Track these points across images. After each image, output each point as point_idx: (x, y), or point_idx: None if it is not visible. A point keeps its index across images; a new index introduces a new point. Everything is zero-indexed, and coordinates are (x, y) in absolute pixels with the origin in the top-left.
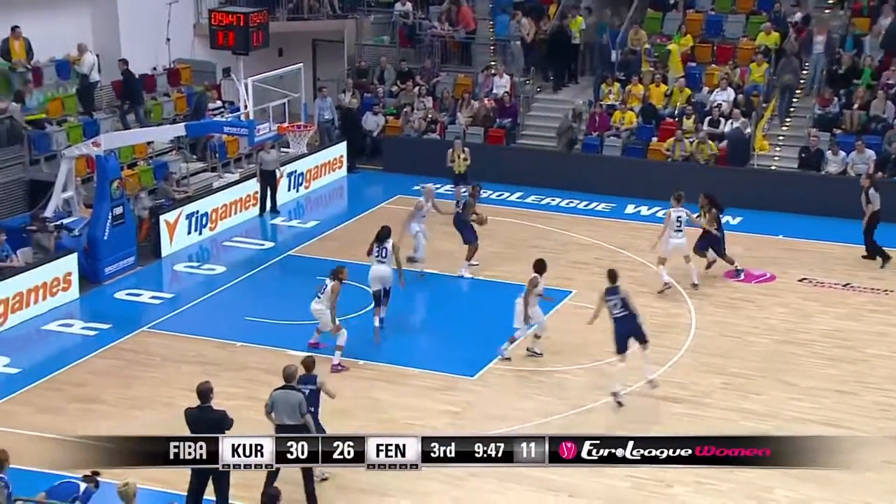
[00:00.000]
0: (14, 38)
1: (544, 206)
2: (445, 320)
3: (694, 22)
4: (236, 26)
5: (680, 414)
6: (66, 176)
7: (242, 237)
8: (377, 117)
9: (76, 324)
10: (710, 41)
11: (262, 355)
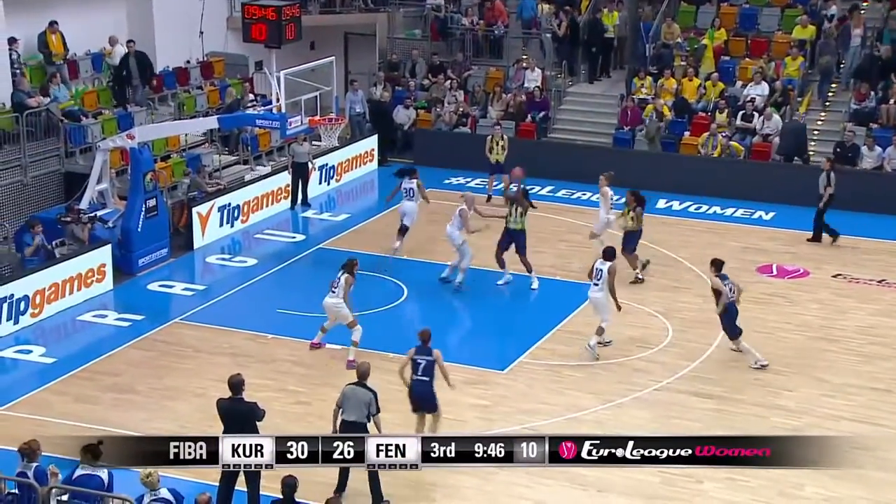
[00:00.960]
0: (51, 32)
1: (575, 201)
2: (475, 314)
3: (728, 15)
4: (269, 20)
5: (710, 410)
6: (101, 168)
7: (274, 230)
8: (408, 111)
9: (110, 314)
10: (745, 35)
11: (293, 348)
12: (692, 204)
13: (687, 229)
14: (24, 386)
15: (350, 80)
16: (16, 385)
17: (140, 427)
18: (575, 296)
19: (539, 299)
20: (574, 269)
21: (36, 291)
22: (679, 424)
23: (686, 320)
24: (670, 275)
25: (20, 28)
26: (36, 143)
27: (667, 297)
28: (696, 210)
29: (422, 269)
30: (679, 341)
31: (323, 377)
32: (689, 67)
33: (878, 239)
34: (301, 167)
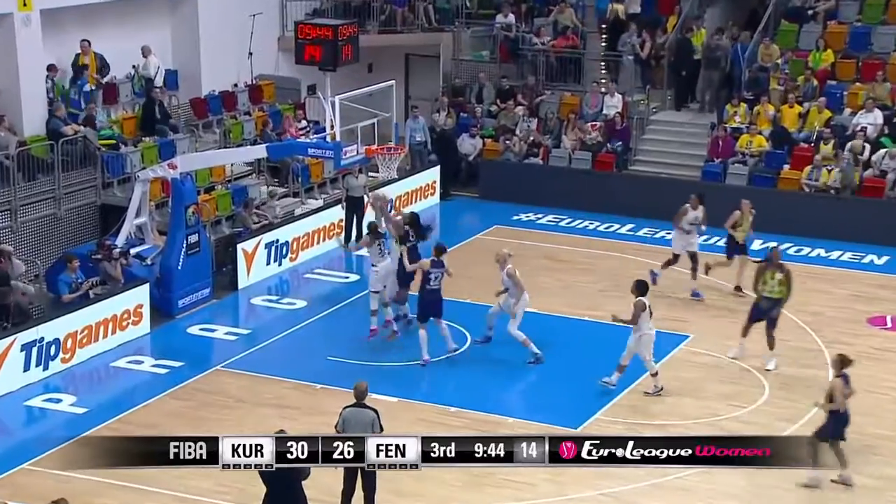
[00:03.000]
0: (83, 53)
1: (658, 240)
2: (546, 365)
3: (836, 35)
4: (324, 40)
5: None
6: (140, 200)
7: (325, 269)
8: (474, 139)
9: (146, 360)
10: (855, 56)
11: (344, 399)
12: (792, 246)
13: None
14: (52, 438)
15: (411, 105)
16: (43, 437)
17: (173, 485)
18: (657, 347)
19: (618, 350)
20: (655, 318)
21: (67, 335)
22: (778, 496)
23: (784, 376)
24: None
25: (58, 52)
26: (71, 174)
27: (763, 350)
28: (796, 252)
29: (485, 312)
30: (777, 399)
31: None
32: (790, 93)
33: None
34: (356, 201)
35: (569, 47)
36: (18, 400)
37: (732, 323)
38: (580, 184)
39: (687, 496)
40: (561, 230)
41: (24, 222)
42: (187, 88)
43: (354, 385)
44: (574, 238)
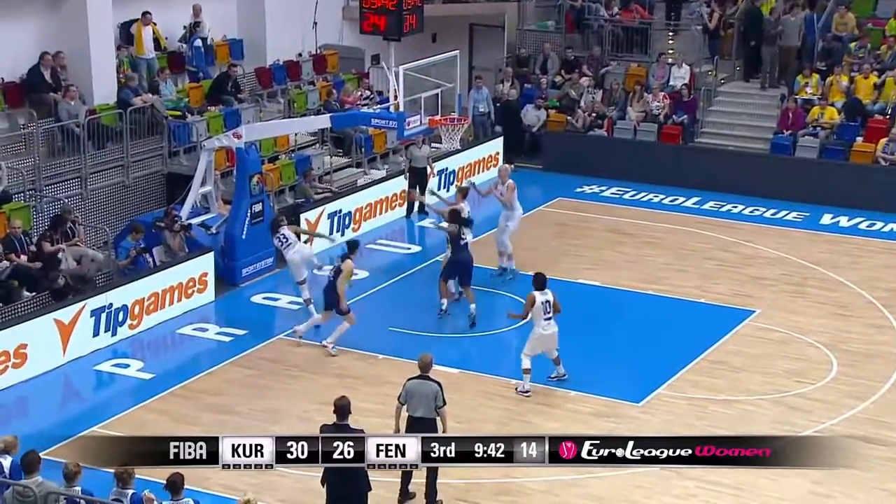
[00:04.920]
0: (143, 24)
1: (724, 214)
2: (609, 338)
3: None
4: (388, 10)
5: (883, 459)
6: (206, 169)
7: (387, 240)
8: (538, 111)
9: (211, 328)
10: None
11: (406, 370)
12: (864, 220)
13: (856, 249)
14: (120, 403)
15: (475, 76)
16: (112, 401)
17: None
18: (722, 322)
19: (682, 325)
20: (722, 292)
21: (135, 301)
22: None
23: (854, 353)
24: (835, 300)
25: (124, 20)
26: (139, 142)
27: (831, 325)
28: (868, 227)
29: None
30: (845, 377)
31: None
32: (865, 63)
33: None
34: (419, 172)
35: (637, 19)
36: (88, 364)
37: (800, 298)
38: (645, 156)
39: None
40: (625, 203)
41: (93, 190)
42: (252, 58)
43: (419, 357)
44: (638, 211)
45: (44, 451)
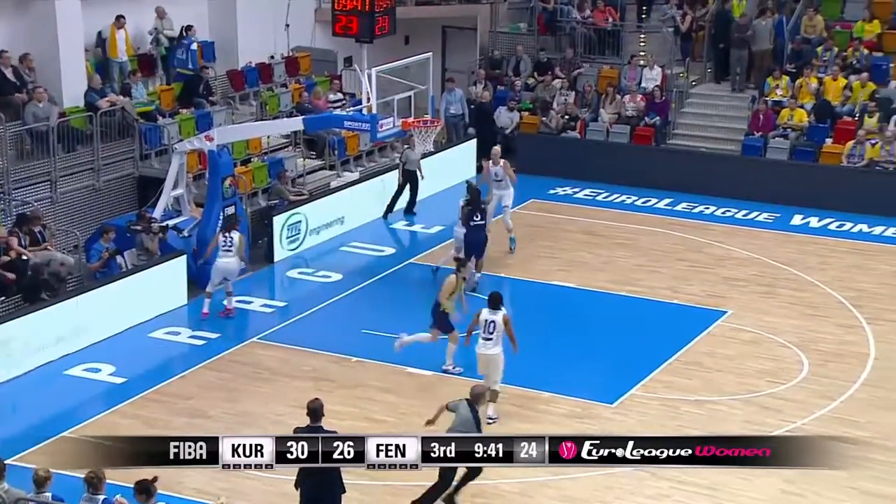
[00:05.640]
0: (116, 27)
1: (696, 215)
2: (582, 340)
3: (882, 5)
4: (360, 11)
5: (854, 458)
6: (177, 172)
7: (361, 242)
8: (511, 113)
9: (183, 332)
10: None
11: (380, 372)
12: (833, 221)
13: (826, 249)
14: (91, 407)
15: (447, 78)
16: (83, 406)
17: None
18: (695, 322)
19: (655, 326)
20: (694, 293)
21: (106, 305)
22: (817, 473)
23: (824, 353)
24: (806, 301)
25: (93, 22)
26: (110, 145)
27: (802, 325)
28: (837, 228)
29: (524, 287)
30: (816, 377)
31: (413, 406)
32: (834, 65)
33: None
34: (412, 174)
35: (610, 21)
36: (59, 369)
37: (771, 298)
38: (618, 158)
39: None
40: (598, 204)
41: (63, 193)
42: (224, 60)
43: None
44: (611, 212)
45: (12, 458)
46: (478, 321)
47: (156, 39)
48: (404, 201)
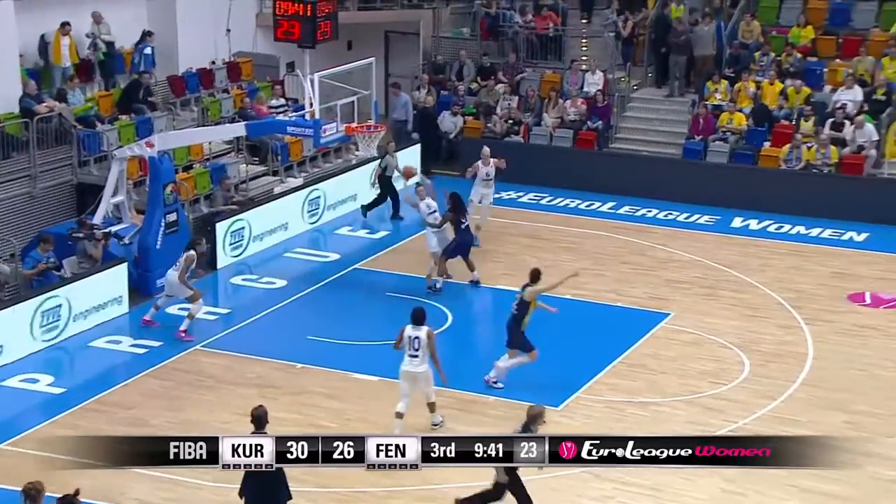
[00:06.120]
0: (62, 34)
1: (639, 218)
2: None
3: (816, 11)
4: (302, 17)
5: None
6: (117, 179)
7: (305, 248)
8: (455, 118)
9: (125, 340)
10: (835, 32)
11: (325, 378)
12: (772, 223)
13: (766, 251)
14: (29, 419)
15: (392, 83)
16: (21, 418)
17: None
18: (638, 325)
19: (599, 328)
20: (637, 296)
21: (44, 314)
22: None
23: (764, 353)
24: (747, 302)
25: (28, 27)
26: (47, 152)
27: (743, 326)
28: (776, 230)
29: (469, 292)
30: (757, 377)
31: (358, 412)
32: (771, 70)
33: None
34: (390, 180)
35: (552, 26)
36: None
37: (713, 300)
38: (561, 162)
39: (667, 475)
40: (542, 208)
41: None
42: (164, 66)
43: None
44: (555, 216)
45: None
46: (402, 338)
47: (93, 44)
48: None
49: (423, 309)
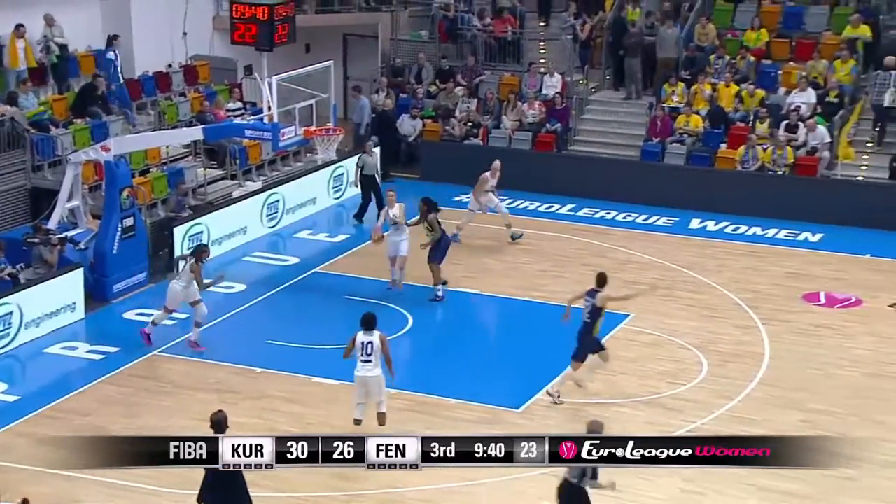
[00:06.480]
0: (17, 36)
1: (598, 220)
2: (486, 345)
3: (770, 14)
4: (259, 19)
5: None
6: (72, 183)
7: (264, 252)
8: (414, 121)
9: (81, 346)
10: (789, 36)
11: (285, 383)
12: (729, 224)
13: (723, 252)
14: None
15: (354, 85)
16: None
17: (109, 473)
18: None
19: (559, 330)
20: None
21: None
22: (717, 471)
23: (722, 354)
24: (705, 303)
25: None
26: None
27: (701, 327)
28: (733, 231)
29: (429, 294)
30: (715, 377)
31: (320, 416)
32: (727, 72)
33: None
34: (370, 180)
35: (510, 29)
36: None
37: (672, 301)
38: (520, 164)
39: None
40: None
41: None
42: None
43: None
44: (515, 219)
45: None
46: (354, 345)
47: (46, 47)
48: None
49: (373, 314)
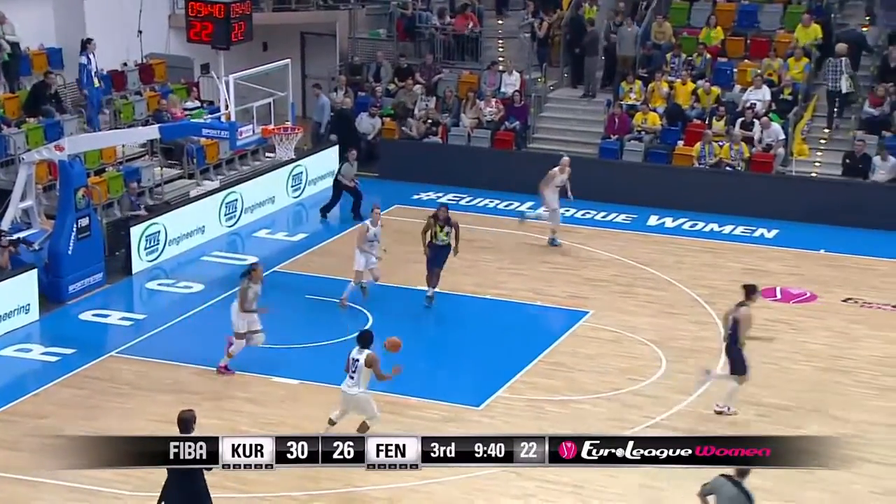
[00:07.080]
0: None
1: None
2: (446, 343)
3: (725, 13)
4: (216, 17)
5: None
6: (25, 183)
7: (222, 252)
8: (373, 119)
9: (35, 348)
10: (743, 34)
11: (245, 384)
12: (686, 221)
13: (681, 248)
14: None
15: (315, 83)
16: None
17: (66, 476)
18: (558, 323)
19: (518, 328)
20: (557, 294)
21: None
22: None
23: (681, 350)
24: (663, 299)
25: None
26: None
27: (659, 323)
28: (690, 227)
29: (390, 293)
30: (673, 373)
31: (279, 416)
32: (683, 70)
33: (893, 259)
34: (342, 185)
35: (468, 27)
36: None
37: (631, 298)
38: (479, 162)
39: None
40: (462, 209)
41: None
42: (73, 67)
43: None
44: (474, 216)
45: None
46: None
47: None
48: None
49: (370, 332)
